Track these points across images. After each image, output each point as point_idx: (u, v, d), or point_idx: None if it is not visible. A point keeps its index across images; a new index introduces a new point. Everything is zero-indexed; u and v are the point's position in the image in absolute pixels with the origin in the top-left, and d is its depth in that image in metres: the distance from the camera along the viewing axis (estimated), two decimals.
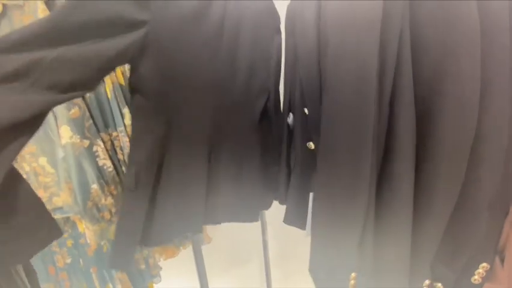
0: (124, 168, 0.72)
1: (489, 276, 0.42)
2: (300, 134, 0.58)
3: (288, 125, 0.62)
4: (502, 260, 0.41)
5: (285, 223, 0.63)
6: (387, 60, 0.35)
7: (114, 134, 0.69)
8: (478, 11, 0.30)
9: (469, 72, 0.31)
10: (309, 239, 0.53)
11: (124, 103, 0.69)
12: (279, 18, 0.59)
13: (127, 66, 0.71)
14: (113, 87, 0.66)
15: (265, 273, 0.99)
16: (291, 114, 0.61)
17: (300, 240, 0.68)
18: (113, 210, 0.66)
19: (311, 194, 0.57)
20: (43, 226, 0.40)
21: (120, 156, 0.71)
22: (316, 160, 0.50)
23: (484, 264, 0.41)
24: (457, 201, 0.35)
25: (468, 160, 0.34)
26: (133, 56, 0.44)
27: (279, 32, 0.59)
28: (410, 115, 0.36)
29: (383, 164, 0.39)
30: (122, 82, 0.71)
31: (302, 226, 0.59)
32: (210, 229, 1.11)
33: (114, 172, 0.68)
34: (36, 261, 0.81)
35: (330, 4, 0.41)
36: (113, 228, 0.66)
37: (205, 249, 0.96)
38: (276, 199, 0.67)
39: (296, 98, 0.56)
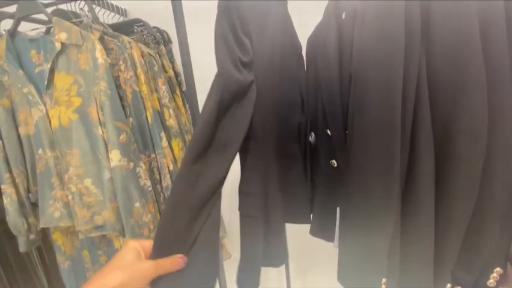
0: (158, 187, 0.78)
1: (503, 280, 0.48)
2: (324, 153, 0.64)
3: (310, 143, 0.69)
4: None
5: (311, 234, 0.68)
6: (409, 93, 0.42)
7: (152, 156, 0.76)
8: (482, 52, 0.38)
9: (479, 106, 0.39)
10: (335, 250, 0.59)
11: (161, 127, 0.77)
12: (301, 48, 0.67)
13: (162, 92, 0.79)
14: (153, 112, 0.74)
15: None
16: (312, 134, 0.68)
17: (320, 253, 0.73)
18: (151, 227, 0.72)
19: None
20: None
21: (157, 177, 0.78)
22: (343, 177, 0.57)
23: (498, 268, 0.47)
24: (473, 212, 0.42)
25: (482, 177, 0.41)
26: None
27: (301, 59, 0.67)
28: (429, 142, 0.43)
29: (408, 184, 0.46)
30: (159, 109, 0.79)
31: (329, 238, 0.65)
32: (229, 245, 1.15)
33: (152, 191, 0.74)
34: (69, 278, 0.85)
35: (355, 41, 0.49)
36: None
37: (225, 264, 1.00)
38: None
39: (319, 119, 0.62)
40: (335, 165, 0.61)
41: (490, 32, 0.39)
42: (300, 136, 0.69)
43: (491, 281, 0.48)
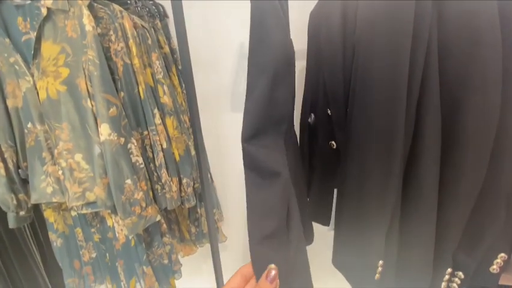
0: (152, 165, 0.76)
1: (506, 266, 0.45)
2: (323, 134, 0.61)
3: (309, 124, 0.66)
4: None
5: (308, 219, 0.66)
6: (416, 63, 0.39)
7: (145, 133, 0.74)
8: (499, 24, 0.35)
9: (492, 79, 0.35)
10: (330, 235, 0.57)
11: (154, 104, 0.74)
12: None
13: (155, 67, 0.76)
14: (146, 88, 0.71)
15: None
16: (312, 115, 0.66)
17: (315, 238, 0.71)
18: (143, 204, 0.71)
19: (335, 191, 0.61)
20: None
21: (150, 154, 0.75)
22: (342, 157, 0.54)
23: (502, 254, 0.44)
24: (478, 193, 0.39)
25: (490, 155, 0.38)
26: None
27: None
28: (436, 116, 0.40)
29: (410, 159, 0.43)
30: (152, 84, 0.76)
31: (326, 222, 0.63)
32: (224, 228, 1.15)
33: (145, 169, 0.72)
34: (62, 256, 0.85)
35: (360, 8, 0.45)
36: (143, 222, 0.70)
37: (219, 248, 1.00)
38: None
39: (319, 99, 0.59)
40: (334, 146, 0.58)
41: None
42: (292, 116, 0.66)
43: (494, 266, 0.45)
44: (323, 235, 0.75)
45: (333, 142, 0.59)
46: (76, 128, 0.66)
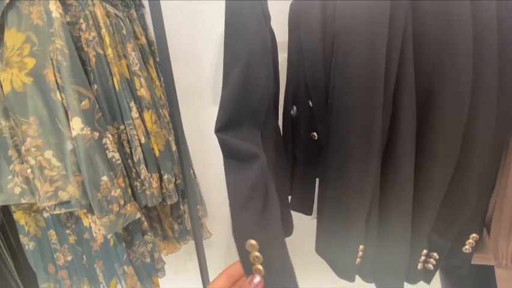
0: (130, 162, 0.74)
1: (478, 246, 0.48)
2: (305, 125, 0.62)
3: (291, 117, 0.67)
4: (489, 232, 0.47)
5: (291, 209, 0.67)
6: (392, 55, 0.40)
7: (121, 127, 0.71)
8: (471, 13, 0.36)
9: (463, 67, 0.37)
10: (313, 225, 0.58)
11: (131, 97, 0.72)
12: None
13: (131, 59, 0.73)
14: (121, 79, 0.69)
15: None
16: (294, 107, 0.66)
17: (298, 229, 0.72)
18: (121, 202, 0.68)
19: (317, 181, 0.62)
20: None
21: (127, 150, 0.73)
22: (323, 148, 0.55)
23: (474, 234, 0.47)
24: (451, 176, 0.41)
25: (462, 142, 0.40)
26: None
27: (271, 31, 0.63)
28: (411, 105, 0.41)
29: (388, 146, 0.44)
30: (128, 76, 0.73)
31: (309, 211, 0.64)
32: (209, 224, 1.14)
33: (122, 165, 0.70)
34: (35, 260, 0.81)
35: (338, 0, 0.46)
36: (121, 221, 0.68)
37: (204, 244, 0.99)
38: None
39: (301, 91, 0.60)
40: (316, 137, 0.59)
41: None
42: (278, 109, 0.66)
43: (466, 247, 0.48)
44: (307, 225, 0.76)
45: (314, 133, 0.60)
46: (44, 122, 0.62)
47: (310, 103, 0.58)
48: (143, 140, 0.74)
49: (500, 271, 0.46)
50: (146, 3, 0.92)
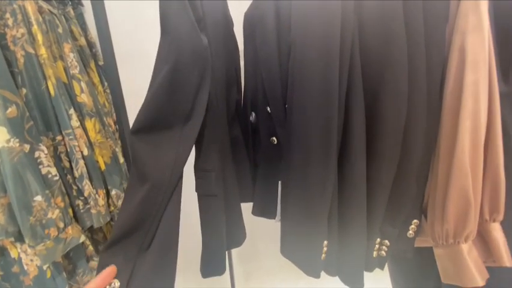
0: (69, 177, 0.66)
1: (419, 230, 0.57)
2: (264, 131, 0.65)
3: (250, 123, 0.69)
4: (426, 217, 0.56)
5: (253, 215, 0.69)
6: (344, 63, 0.46)
7: (58, 138, 0.63)
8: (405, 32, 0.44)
9: (400, 72, 0.45)
10: (277, 231, 0.61)
11: (70, 103, 0.65)
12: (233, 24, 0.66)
13: (69, 61, 0.67)
14: (57, 84, 0.62)
15: (228, 271, 1.01)
16: (253, 113, 0.69)
17: (263, 235, 0.74)
18: (61, 225, 0.60)
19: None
20: None
21: (66, 164, 0.65)
22: (284, 151, 0.58)
23: (415, 220, 0.55)
24: (395, 173, 0.49)
25: (402, 142, 0.47)
26: None
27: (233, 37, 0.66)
28: (360, 107, 0.47)
29: (342, 147, 0.49)
30: (66, 80, 0.66)
31: (272, 216, 0.66)
32: None
33: (60, 181, 0.62)
34: None
35: (293, 11, 0.50)
36: (61, 247, 0.60)
37: None
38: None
39: (259, 98, 0.63)
40: (275, 142, 0.62)
41: (410, 9, 0.45)
42: (240, 115, 0.68)
43: (410, 232, 0.56)
44: (270, 229, 0.78)
45: (274, 138, 0.63)
46: None
47: (269, 109, 0.61)
48: (86, 152, 0.67)
49: (438, 250, 0.54)
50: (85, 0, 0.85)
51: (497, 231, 0.49)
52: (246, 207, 0.71)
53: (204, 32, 0.49)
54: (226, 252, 1.00)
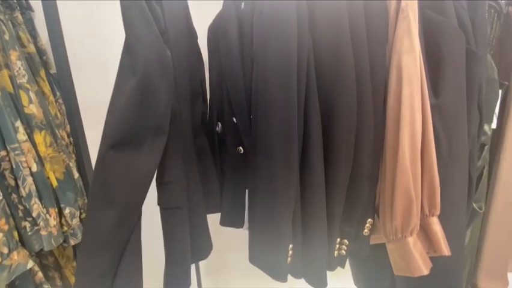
0: (15, 196, 0.60)
1: (374, 228, 0.63)
2: (230, 141, 0.67)
3: (217, 133, 0.71)
4: (379, 216, 0.63)
5: (221, 225, 0.69)
6: (301, 77, 0.50)
7: (2, 153, 0.58)
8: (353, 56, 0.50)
9: (350, 89, 0.51)
10: (246, 234, 0.63)
11: (16, 115, 0.60)
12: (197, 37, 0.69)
13: (16, 69, 0.62)
14: (2, 94, 0.57)
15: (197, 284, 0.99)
16: (219, 124, 0.71)
17: (231, 245, 0.75)
18: (5, 250, 0.54)
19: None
20: None
21: (11, 182, 0.60)
22: (250, 160, 0.61)
23: (369, 219, 0.61)
24: (349, 177, 0.54)
25: (354, 148, 0.53)
26: None
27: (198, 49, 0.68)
28: (317, 119, 0.52)
29: (303, 155, 0.54)
30: (12, 90, 0.62)
31: (239, 225, 0.68)
32: None
33: (4, 201, 0.56)
34: None
35: (254, 24, 0.54)
36: (5, 275, 0.54)
37: None
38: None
39: (224, 108, 0.65)
40: (242, 151, 0.65)
41: (355, 29, 0.52)
42: (205, 126, 0.70)
43: (365, 230, 0.62)
44: (238, 239, 0.79)
45: (240, 147, 0.65)
46: None
47: (235, 119, 0.63)
48: (34, 168, 0.62)
49: (389, 245, 0.61)
50: (35, 4, 0.80)
51: (436, 225, 0.57)
52: (215, 218, 0.72)
53: (167, 45, 0.50)
54: (194, 264, 0.98)
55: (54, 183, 0.68)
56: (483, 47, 0.66)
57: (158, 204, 0.58)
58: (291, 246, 0.53)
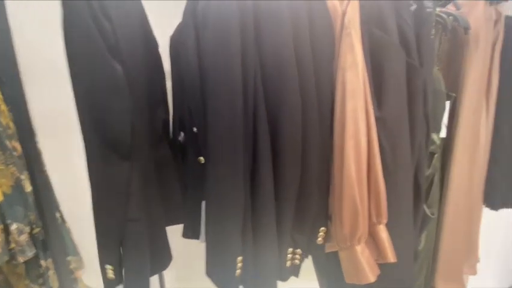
0: None
1: (328, 237, 0.65)
2: (192, 151, 0.67)
3: (180, 143, 0.71)
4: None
5: (183, 237, 0.69)
6: (248, 92, 0.52)
7: None
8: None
9: (294, 103, 0.52)
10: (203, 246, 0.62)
11: None
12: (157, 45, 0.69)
13: None
14: None
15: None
16: (181, 133, 0.70)
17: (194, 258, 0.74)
18: None
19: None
20: None
21: None
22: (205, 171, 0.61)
23: (323, 228, 0.63)
24: (298, 186, 0.56)
25: (302, 158, 0.55)
26: None
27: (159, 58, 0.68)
28: (265, 132, 0.53)
29: (253, 167, 0.55)
30: None
31: (196, 235, 0.67)
32: (87, 277, 0.98)
33: None
34: None
35: (201, 40, 0.55)
36: None
37: None
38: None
39: (186, 118, 0.65)
40: (203, 161, 0.65)
41: (300, 45, 0.54)
42: (168, 135, 0.69)
43: (319, 239, 0.63)
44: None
45: (201, 158, 0.65)
46: None
47: (195, 129, 0.63)
48: None
49: (341, 253, 0.62)
50: None
51: (383, 232, 0.59)
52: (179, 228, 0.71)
53: (119, 58, 0.50)
54: (159, 274, 0.96)
55: (0, 198, 0.64)
56: (428, 60, 0.70)
57: None
58: (240, 258, 0.54)
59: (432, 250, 0.89)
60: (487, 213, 1.02)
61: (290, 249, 0.59)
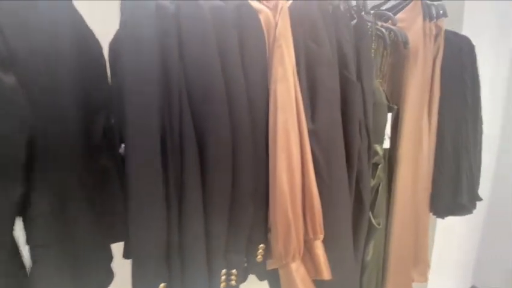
0: None
1: (268, 254, 0.62)
2: None
3: (120, 155, 0.66)
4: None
5: (124, 258, 0.63)
6: (173, 110, 0.49)
7: None
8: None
9: (222, 112, 0.50)
10: None
11: None
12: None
13: None
14: None
15: None
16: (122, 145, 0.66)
17: None
18: None
19: None
20: None
21: None
22: None
23: (262, 245, 0.60)
24: (230, 200, 0.53)
25: (233, 173, 0.52)
26: None
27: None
28: (193, 150, 0.50)
29: (180, 184, 0.51)
30: None
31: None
32: None
33: None
34: None
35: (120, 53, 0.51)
36: None
37: None
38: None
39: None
40: None
41: (228, 58, 0.52)
42: (114, 144, 0.65)
43: (258, 257, 0.61)
44: None
45: None
46: None
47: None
48: None
49: (280, 271, 0.60)
50: None
51: (318, 249, 0.58)
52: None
53: (13, 70, 0.45)
54: None
55: None
56: (367, 73, 0.71)
57: (27, 242, 0.51)
58: (162, 285, 0.49)
59: (382, 260, 0.90)
60: (444, 220, 1.06)
61: (224, 271, 0.56)
